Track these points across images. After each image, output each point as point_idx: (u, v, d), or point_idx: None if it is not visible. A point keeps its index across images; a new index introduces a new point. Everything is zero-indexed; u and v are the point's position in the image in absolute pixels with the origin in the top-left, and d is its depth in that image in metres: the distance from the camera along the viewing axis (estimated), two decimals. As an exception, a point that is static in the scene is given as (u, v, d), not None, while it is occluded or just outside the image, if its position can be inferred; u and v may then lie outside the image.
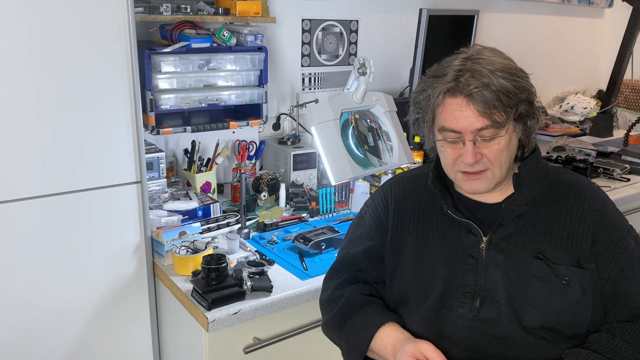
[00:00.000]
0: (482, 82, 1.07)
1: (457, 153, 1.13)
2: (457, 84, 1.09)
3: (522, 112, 1.12)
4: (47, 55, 1.40)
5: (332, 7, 2.45)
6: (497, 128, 1.09)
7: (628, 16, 3.11)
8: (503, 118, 1.09)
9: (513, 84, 1.09)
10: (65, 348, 1.59)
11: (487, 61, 1.11)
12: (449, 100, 1.11)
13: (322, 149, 1.80)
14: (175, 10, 1.89)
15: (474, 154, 1.11)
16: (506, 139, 1.12)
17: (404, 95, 2.70)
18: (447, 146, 1.14)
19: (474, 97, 1.07)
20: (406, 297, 1.20)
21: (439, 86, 1.11)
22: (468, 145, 1.11)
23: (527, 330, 1.11)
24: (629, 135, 2.92)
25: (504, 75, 1.09)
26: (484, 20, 2.92)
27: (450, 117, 1.11)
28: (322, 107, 1.83)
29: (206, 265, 1.46)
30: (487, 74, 1.08)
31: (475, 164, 1.12)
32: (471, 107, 1.08)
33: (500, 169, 1.14)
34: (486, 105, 1.07)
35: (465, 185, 1.17)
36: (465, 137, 1.11)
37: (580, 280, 1.11)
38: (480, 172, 1.13)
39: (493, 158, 1.12)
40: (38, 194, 1.46)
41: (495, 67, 1.10)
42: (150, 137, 1.97)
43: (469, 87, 1.08)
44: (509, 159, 1.15)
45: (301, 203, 2.06)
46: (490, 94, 1.07)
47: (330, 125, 1.80)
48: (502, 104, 1.08)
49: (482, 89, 1.07)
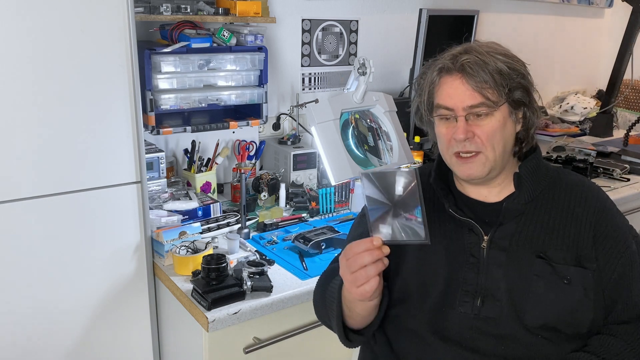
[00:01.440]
0: (476, 59, 1.11)
1: (451, 132, 1.14)
2: (453, 63, 1.13)
3: (518, 99, 1.13)
4: (47, 55, 1.40)
5: (332, 7, 2.45)
6: (489, 107, 1.11)
7: (628, 16, 3.11)
8: (496, 97, 1.11)
9: (507, 65, 1.12)
10: (65, 348, 1.59)
11: (485, 45, 1.15)
12: (444, 78, 1.14)
13: (322, 149, 1.81)
14: (175, 10, 1.89)
15: (464, 130, 1.11)
16: (499, 120, 1.12)
17: (404, 95, 2.70)
18: (442, 126, 1.16)
19: (467, 73, 1.10)
20: (407, 295, 1.20)
21: (437, 66, 1.15)
22: (460, 121, 1.12)
23: (528, 330, 1.10)
24: (629, 135, 2.92)
25: (500, 57, 1.12)
26: (484, 20, 2.92)
27: (444, 94, 1.14)
28: (322, 107, 1.83)
29: (206, 265, 1.46)
30: (484, 53, 1.12)
31: (467, 142, 1.12)
32: (464, 83, 1.11)
33: (494, 152, 1.13)
34: (479, 82, 1.10)
35: (460, 170, 1.17)
36: (457, 113, 1.12)
37: (582, 280, 1.11)
38: (473, 155, 1.13)
39: (485, 138, 1.12)
40: (38, 194, 1.46)
41: (492, 50, 1.14)
42: (150, 137, 1.97)
43: (463, 64, 1.11)
44: (503, 144, 1.14)
45: (301, 203, 2.06)
46: (484, 71, 1.10)
47: (330, 125, 1.80)
48: (495, 82, 1.10)
49: (475, 66, 1.10)
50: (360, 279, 1.03)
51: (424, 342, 1.16)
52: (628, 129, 2.94)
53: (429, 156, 2.44)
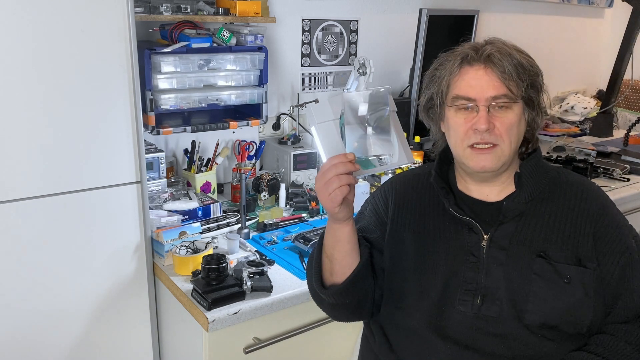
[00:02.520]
0: (502, 51, 1.11)
1: (470, 123, 1.13)
2: (476, 53, 1.13)
3: (531, 97, 1.14)
4: (47, 55, 1.40)
5: (332, 7, 2.45)
6: (511, 99, 1.11)
7: (628, 16, 3.11)
8: (517, 90, 1.11)
9: (528, 62, 1.13)
10: (65, 348, 1.59)
11: (502, 42, 1.16)
12: (465, 69, 1.13)
13: (322, 149, 1.80)
14: (175, 10, 1.89)
15: (487, 120, 1.10)
16: (517, 115, 1.12)
17: (404, 95, 2.70)
18: (460, 116, 1.14)
19: (494, 64, 1.10)
20: (406, 293, 1.20)
21: (457, 56, 1.15)
22: (482, 110, 1.11)
23: (528, 329, 1.11)
24: (629, 135, 2.92)
25: (520, 53, 1.14)
26: (484, 20, 2.92)
27: (465, 85, 1.13)
28: (322, 107, 1.82)
29: (206, 265, 1.46)
30: (506, 48, 1.13)
31: (486, 133, 1.11)
32: (489, 74, 1.11)
33: (510, 147, 1.13)
34: (504, 74, 1.10)
35: (473, 161, 1.15)
36: (479, 103, 1.11)
37: (582, 279, 1.11)
38: (490, 147, 1.12)
39: (504, 130, 1.11)
40: (38, 194, 1.46)
41: (512, 46, 1.15)
42: (150, 137, 1.97)
43: (490, 54, 1.11)
44: (517, 140, 1.15)
45: (301, 203, 2.06)
46: (509, 63, 1.10)
47: (330, 125, 1.80)
48: (518, 75, 1.10)
49: (501, 56, 1.10)
50: (332, 185, 1.08)
51: (424, 341, 1.16)
52: (628, 129, 2.94)
53: (429, 156, 2.44)
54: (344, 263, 1.18)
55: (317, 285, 1.21)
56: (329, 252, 1.19)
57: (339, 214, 1.12)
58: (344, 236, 1.16)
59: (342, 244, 1.16)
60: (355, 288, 1.19)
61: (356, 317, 1.29)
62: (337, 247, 1.17)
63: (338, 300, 1.21)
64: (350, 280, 1.18)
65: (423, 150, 2.46)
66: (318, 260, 1.23)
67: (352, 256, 1.18)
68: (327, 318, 1.56)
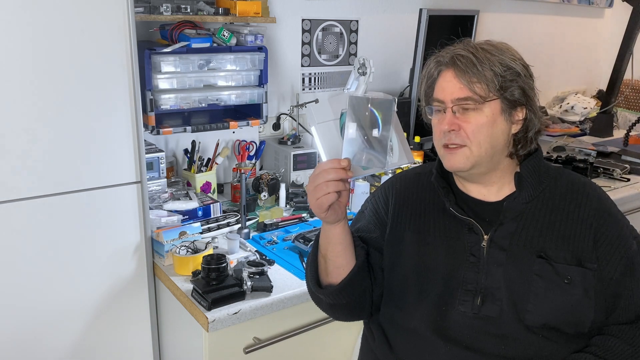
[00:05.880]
0: (469, 55, 1.12)
1: (441, 124, 1.15)
2: (447, 58, 1.15)
3: (515, 98, 1.12)
4: (47, 55, 1.40)
5: (332, 7, 2.45)
6: (476, 102, 1.11)
7: (628, 16, 3.11)
8: (485, 92, 1.11)
9: (502, 63, 1.12)
10: (65, 348, 1.59)
11: (486, 43, 1.16)
12: (443, 73, 1.16)
13: (322, 149, 1.80)
14: (175, 10, 1.89)
15: (450, 122, 1.13)
16: (487, 116, 1.12)
17: (404, 95, 2.70)
18: (435, 118, 1.18)
19: (458, 67, 1.12)
20: (406, 293, 1.20)
21: (435, 60, 1.18)
22: (448, 112, 1.14)
23: (529, 329, 1.11)
24: (629, 135, 2.92)
25: (497, 56, 1.13)
26: (484, 20, 2.92)
27: (438, 87, 1.16)
28: (322, 107, 1.82)
29: (206, 265, 1.46)
30: (479, 50, 1.13)
31: (452, 133, 1.13)
32: (455, 77, 1.12)
33: (479, 148, 1.13)
34: (468, 76, 1.11)
35: (445, 160, 1.18)
36: (446, 105, 1.14)
37: (582, 280, 1.11)
38: (457, 147, 1.14)
39: (470, 132, 1.12)
40: (38, 194, 1.46)
41: (493, 48, 1.14)
42: (150, 137, 1.97)
43: (454, 58, 1.13)
44: (490, 141, 1.13)
45: (301, 203, 2.06)
46: (474, 67, 1.11)
47: (330, 125, 1.80)
48: (486, 78, 1.10)
49: (465, 61, 1.11)
50: (319, 191, 1.07)
51: (424, 341, 1.16)
52: (628, 129, 2.94)
53: (429, 156, 2.44)
54: (337, 263, 1.18)
55: (313, 284, 1.22)
56: (323, 251, 1.20)
57: (327, 218, 1.13)
58: (335, 238, 1.16)
59: (333, 245, 1.17)
60: (352, 289, 1.20)
61: (355, 316, 1.29)
62: (330, 248, 1.18)
63: (334, 301, 1.21)
64: (345, 282, 1.18)
65: (423, 150, 2.46)
66: (314, 260, 1.23)
67: (345, 257, 1.18)
68: (327, 318, 1.56)
